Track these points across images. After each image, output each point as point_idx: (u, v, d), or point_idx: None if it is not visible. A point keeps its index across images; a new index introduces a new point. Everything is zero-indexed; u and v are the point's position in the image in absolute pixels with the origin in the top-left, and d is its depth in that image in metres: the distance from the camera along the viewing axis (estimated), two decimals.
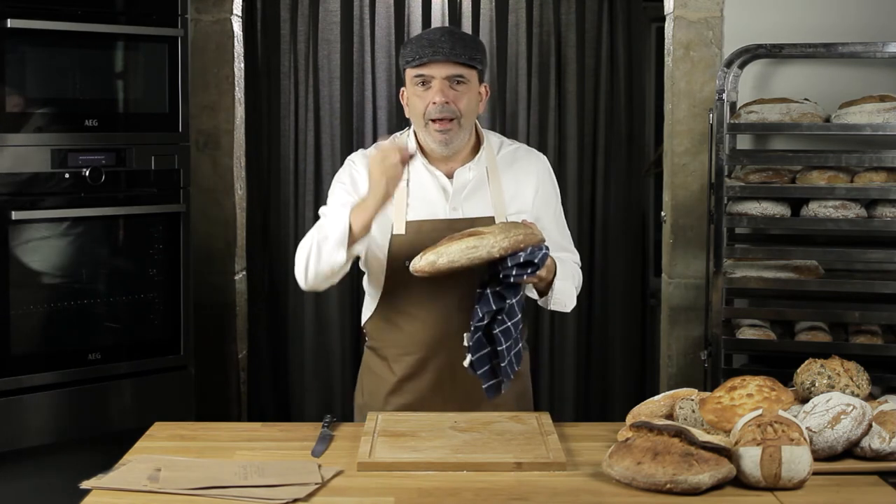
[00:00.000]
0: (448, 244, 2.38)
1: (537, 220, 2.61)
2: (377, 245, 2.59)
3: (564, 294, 2.59)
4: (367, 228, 2.46)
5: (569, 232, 2.78)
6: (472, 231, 2.41)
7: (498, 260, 2.39)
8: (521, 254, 2.39)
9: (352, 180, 2.62)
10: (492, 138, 2.70)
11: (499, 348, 2.45)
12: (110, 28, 3.30)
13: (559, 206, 2.76)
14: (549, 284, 2.55)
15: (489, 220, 2.57)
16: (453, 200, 2.59)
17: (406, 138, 2.65)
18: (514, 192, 2.63)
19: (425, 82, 2.54)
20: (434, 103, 2.52)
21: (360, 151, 2.71)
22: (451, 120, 2.53)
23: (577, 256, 2.77)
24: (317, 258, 2.48)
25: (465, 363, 2.47)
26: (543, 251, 2.42)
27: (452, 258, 2.35)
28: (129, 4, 3.37)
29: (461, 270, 2.39)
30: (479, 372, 2.47)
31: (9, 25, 3.08)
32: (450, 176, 2.61)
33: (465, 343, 2.48)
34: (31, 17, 3.13)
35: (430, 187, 2.60)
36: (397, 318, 2.63)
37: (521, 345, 2.57)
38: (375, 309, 2.67)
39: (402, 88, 2.64)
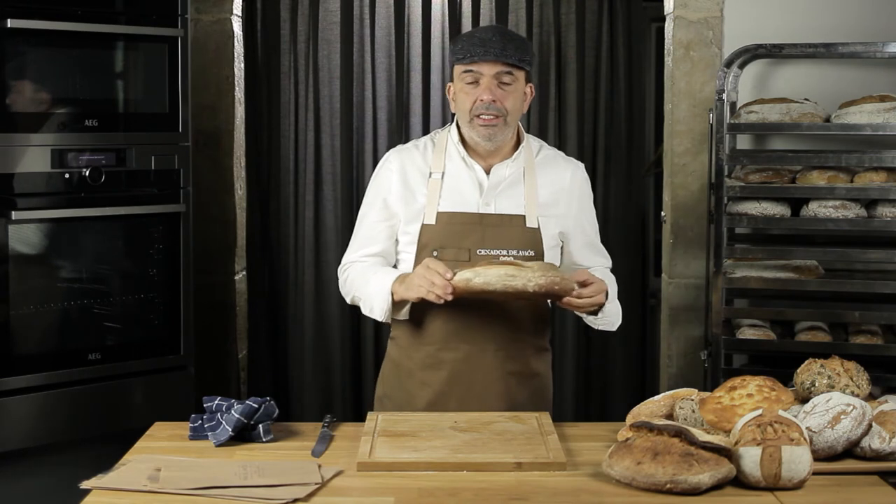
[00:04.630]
0: (487, 267, 2.40)
1: (574, 226, 2.69)
2: (407, 235, 2.64)
3: (613, 314, 2.64)
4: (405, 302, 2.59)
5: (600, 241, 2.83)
6: (511, 261, 2.44)
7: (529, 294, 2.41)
8: None
9: (387, 189, 2.67)
10: (532, 141, 2.74)
11: None
12: (110, 28, 3.30)
13: (594, 215, 2.79)
14: (601, 307, 2.59)
15: (520, 219, 2.61)
16: (487, 196, 2.63)
17: (447, 133, 2.69)
18: (548, 194, 2.67)
19: (474, 80, 2.57)
20: (481, 100, 2.56)
21: (397, 149, 2.76)
22: (497, 117, 2.57)
23: (609, 262, 2.81)
24: (366, 309, 2.66)
25: None
26: None
27: (488, 280, 2.37)
28: (129, 4, 3.37)
29: (491, 297, 2.42)
30: None
31: (9, 25, 3.08)
32: (487, 171, 2.64)
33: None
34: (31, 17, 3.13)
35: (466, 180, 2.64)
36: (418, 309, 2.64)
37: None
38: None
39: (449, 84, 2.69)
